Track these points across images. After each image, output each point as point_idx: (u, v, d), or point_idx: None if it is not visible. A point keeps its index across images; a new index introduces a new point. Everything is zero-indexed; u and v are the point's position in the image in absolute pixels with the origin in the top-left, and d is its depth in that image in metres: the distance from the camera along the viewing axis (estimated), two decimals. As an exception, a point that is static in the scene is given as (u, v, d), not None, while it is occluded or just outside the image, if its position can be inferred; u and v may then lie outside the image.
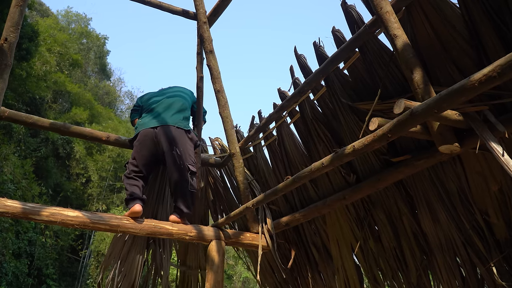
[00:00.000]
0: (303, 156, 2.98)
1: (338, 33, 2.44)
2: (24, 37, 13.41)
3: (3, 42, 2.15)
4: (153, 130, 2.92)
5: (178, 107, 3.13)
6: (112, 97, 32.32)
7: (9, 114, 2.90)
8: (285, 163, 3.12)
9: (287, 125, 3.07)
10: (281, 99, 3.01)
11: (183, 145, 2.89)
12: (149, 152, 2.90)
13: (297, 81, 2.82)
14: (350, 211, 2.77)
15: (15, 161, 13.81)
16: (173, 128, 2.93)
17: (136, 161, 2.88)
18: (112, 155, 21.05)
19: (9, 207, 2.18)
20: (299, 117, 2.92)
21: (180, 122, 3.01)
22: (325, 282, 3.08)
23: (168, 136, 2.87)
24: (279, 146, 3.14)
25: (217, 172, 3.73)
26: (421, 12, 1.93)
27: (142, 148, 2.90)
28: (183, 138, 2.93)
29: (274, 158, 3.26)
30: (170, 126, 2.93)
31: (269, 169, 3.33)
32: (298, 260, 3.27)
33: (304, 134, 2.93)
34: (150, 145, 2.90)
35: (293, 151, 3.04)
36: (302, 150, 3.00)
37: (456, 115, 1.61)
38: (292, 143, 3.04)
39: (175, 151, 2.83)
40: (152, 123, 2.96)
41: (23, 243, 13.83)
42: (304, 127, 2.88)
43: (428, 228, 2.34)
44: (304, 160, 2.97)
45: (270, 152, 3.30)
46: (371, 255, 2.69)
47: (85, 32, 29.70)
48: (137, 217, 2.60)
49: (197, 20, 3.44)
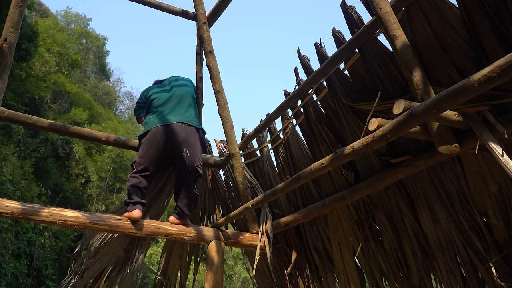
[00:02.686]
0: (307, 157, 2.97)
1: (338, 33, 2.44)
2: (23, 37, 13.39)
3: (2, 43, 2.15)
4: (163, 128, 2.85)
5: (188, 102, 3.07)
6: (111, 97, 32.29)
7: (9, 115, 2.90)
8: (290, 166, 3.11)
9: (292, 127, 3.06)
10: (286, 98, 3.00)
11: (194, 146, 2.83)
12: (157, 151, 2.83)
13: (301, 82, 2.82)
14: (352, 213, 2.77)
15: (14, 161, 13.80)
16: (186, 126, 2.86)
17: (143, 159, 2.79)
18: (112, 156, 21.03)
19: (9, 207, 2.17)
20: (303, 119, 2.92)
21: (193, 120, 2.95)
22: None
23: (180, 135, 2.81)
24: (285, 148, 3.13)
25: (216, 172, 3.73)
26: (420, 13, 1.93)
27: (152, 146, 2.82)
28: (194, 138, 2.86)
29: (279, 161, 3.25)
30: (182, 124, 2.86)
31: (274, 172, 3.32)
32: (298, 264, 3.26)
33: (308, 135, 2.93)
34: (160, 144, 2.83)
35: (298, 153, 3.03)
36: (306, 152, 2.99)
37: (456, 115, 1.61)
38: (297, 144, 3.03)
39: (185, 152, 2.77)
40: (164, 121, 2.87)
41: (23, 243, 13.81)
42: (308, 128, 2.88)
43: (428, 228, 2.34)
44: (309, 162, 2.95)
45: (276, 155, 3.29)
46: (373, 257, 2.69)
47: (85, 33, 29.68)
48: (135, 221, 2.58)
49: (196, 21, 3.44)
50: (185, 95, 3.13)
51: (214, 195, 3.65)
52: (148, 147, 2.82)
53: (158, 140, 2.83)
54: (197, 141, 2.89)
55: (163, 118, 2.91)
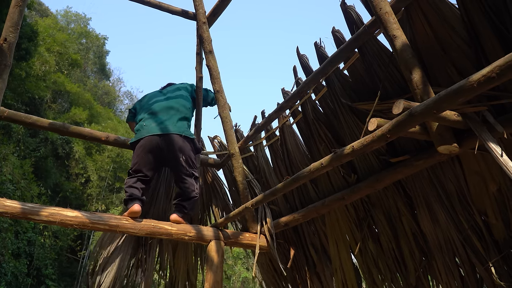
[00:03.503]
0: (305, 156, 2.98)
1: (338, 33, 2.44)
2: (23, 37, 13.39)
3: (2, 42, 2.15)
4: (158, 138, 2.90)
5: (181, 112, 3.12)
6: (111, 97, 32.28)
7: (9, 114, 2.90)
8: (286, 163, 3.12)
9: (289, 125, 3.07)
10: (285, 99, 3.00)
11: (188, 153, 2.92)
12: (153, 157, 2.90)
13: (299, 81, 2.82)
14: (350, 212, 2.77)
15: (14, 161, 13.80)
16: (178, 137, 2.92)
17: (139, 165, 2.87)
18: (112, 155, 21.03)
19: (8, 207, 2.17)
20: (301, 117, 2.92)
21: (186, 131, 3.01)
22: (323, 284, 3.08)
23: (174, 145, 2.89)
24: (281, 146, 3.14)
25: (216, 172, 3.73)
26: (420, 13, 1.93)
27: (146, 153, 2.89)
28: (188, 147, 2.94)
29: (275, 158, 3.26)
30: (175, 135, 2.92)
31: (270, 168, 3.33)
32: (296, 260, 3.27)
33: (306, 134, 2.93)
34: (155, 152, 2.89)
35: (294, 151, 3.04)
36: (303, 150, 3.00)
37: (455, 115, 1.61)
38: (294, 143, 3.03)
39: (182, 159, 2.87)
40: (157, 130, 2.93)
41: (22, 243, 13.82)
42: (306, 127, 2.88)
43: (427, 228, 2.34)
44: (306, 161, 2.96)
45: (272, 152, 3.30)
46: (370, 256, 2.69)
47: (85, 32, 29.67)
48: (136, 217, 2.60)
49: (196, 21, 3.44)
50: (179, 104, 3.18)
51: (214, 195, 3.65)
52: (144, 153, 2.89)
53: (152, 148, 2.89)
54: (190, 148, 2.97)
55: (156, 127, 2.96)
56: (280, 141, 3.15)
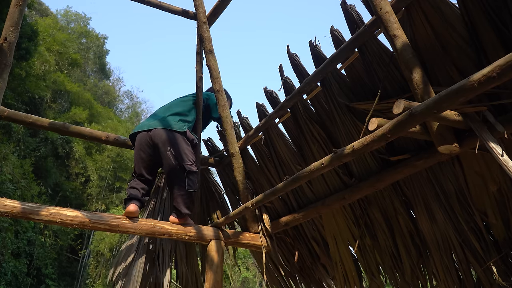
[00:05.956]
0: (295, 154, 2.95)
1: (337, 32, 2.43)
2: (23, 36, 13.40)
3: (2, 42, 2.15)
4: (147, 133, 2.90)
5: (176, 109, 3.13)
6: (111, 96, 32.28)
7: (9, 114, 2.90)
8: (275, 162, 3.09)
9: (275, 124, 3.02)
10: (268, 97, 2.99)
11: (178, 145, 2.84)
12: (147, 155, 2.90)
13: (287, 80, 2.81)
14: (347, 210, 2.77)
15: (14, 160, 13.81)
16: (166, 130, 2.89)
17: (136, 166, 2.90)
18: (112, 155, 21.03)
19: (8, 206, 2.17)
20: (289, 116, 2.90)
21: (175, 124, 2.96)
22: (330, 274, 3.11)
23: (161, 138, 2.85)
24: (266, 146, 3.11)
25: (216, 172, 3.73)
26: (420, 13, 1.93)
27: (140, 152, 2.90)
28: (178, 139, 2.88)
29: (261, 157, 3.23)
30: (160, 129, 2.89)
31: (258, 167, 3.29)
32: (300, 254, 3.27)
33: (294, 133, 2.92)
34: (146, 149, 2.89)
35: (283, 150, 3.00)
36: (293, 148, 2.97)
37: (456, 115, 1.61)
38: (282, 142, 2.99)
39: (170, 151, 2.79)
40: (146, 126, 2.96)
41: (22, 242, 13.83)
42: (295, 126, 2.86)
43: (425, 227, 2.33)
44: (297, 159, 2.95)
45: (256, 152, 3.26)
46: (368, 251, 2.71)
47: (85, 32, 29.66)
48: (133, 217, 2.59)
49: (196, 20, 3.44)
50: (176, 104, 3.21)
51: (214, 194, 3.65)
52: (136, 152, 2.93)
53: (143, 146, 2.90)
54: (180, 140, 2.89)
55: (146, 124, 3.00)
56: (265, 140, 3.11)
